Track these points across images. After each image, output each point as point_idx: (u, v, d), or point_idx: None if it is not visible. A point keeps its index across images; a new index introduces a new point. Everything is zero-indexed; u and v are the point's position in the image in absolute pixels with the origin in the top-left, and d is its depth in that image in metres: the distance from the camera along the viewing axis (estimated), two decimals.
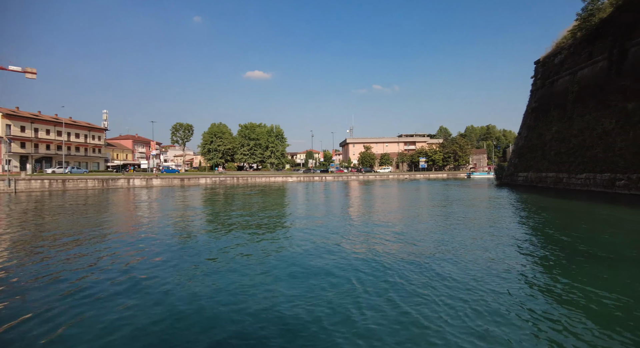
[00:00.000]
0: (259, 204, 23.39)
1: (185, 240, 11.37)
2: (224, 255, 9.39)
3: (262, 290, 6.68)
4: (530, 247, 9.86)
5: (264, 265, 8.43)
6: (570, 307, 5.65)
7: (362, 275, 7.46)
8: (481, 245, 9.91)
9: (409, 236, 11.69)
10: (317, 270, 7.90)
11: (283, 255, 9.43)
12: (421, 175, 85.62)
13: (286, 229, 13.37)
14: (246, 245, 10.75)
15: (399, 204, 22.96)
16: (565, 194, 26.32)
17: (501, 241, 10.58)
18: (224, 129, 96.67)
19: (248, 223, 14.65)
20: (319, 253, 9.48)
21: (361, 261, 8.55)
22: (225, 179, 70.28)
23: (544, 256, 8.81)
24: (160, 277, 7.47)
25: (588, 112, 28.01)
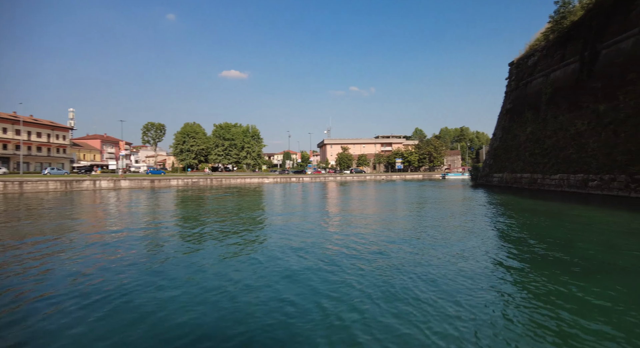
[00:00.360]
0: (233, 207, 21.92)
1: (151, 249, 9.90)
2: (198, 263, 8.57)
3: (236, 296, 6.25)
4: (503, 248, 9.69)
5: (238, 272, 7.78)
6: (546, 309, 5.48)
7: (337, 277, 7.22)
8: (458, 250, 9.13)
9: (386, 239, 10.98)
10: (294, 275, 7.48)
11: (259, 259, 8.84)
12: (397, 176, 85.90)
13: (262, 232, 12.11)
14: (220, 249, 9.90)
15: (376, 206, 22.08)
16: (539, 195, 26.32)
17: (476, 243, 10.20)
18: (197, 129, 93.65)
19: (222, 228, 13.27)
20: (295, 258, 8.79)
21: (335, 265, 8.19)
22: (198, 180, 68.10)
23: (518, 259, 8.47)
24: (127, 287, 6.75)
25: (561, 113, 28.22)
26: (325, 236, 11.79)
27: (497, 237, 11.41)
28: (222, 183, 69.51)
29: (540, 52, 32.86)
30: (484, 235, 11.56)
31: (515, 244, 10.14)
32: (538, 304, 5.65)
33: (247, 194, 34.12)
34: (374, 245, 10.26)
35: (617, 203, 19.55)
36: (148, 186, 56.78)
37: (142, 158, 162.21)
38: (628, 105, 21.94)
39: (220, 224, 14.70)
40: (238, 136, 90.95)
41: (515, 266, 7.82)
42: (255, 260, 8.77)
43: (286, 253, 9.40)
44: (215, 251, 9.74)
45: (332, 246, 10.15)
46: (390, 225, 14.05)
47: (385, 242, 10.57)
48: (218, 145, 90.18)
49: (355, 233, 12.17)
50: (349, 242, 10.67)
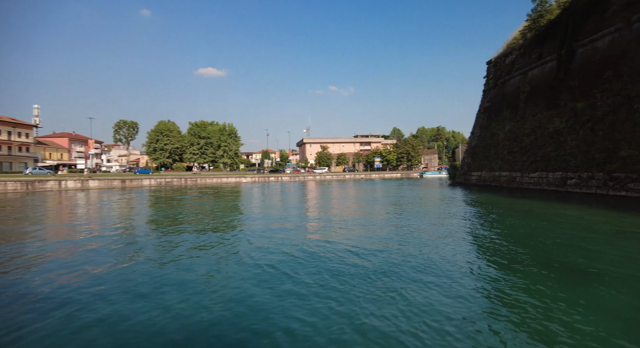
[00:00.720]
0: (205, 209, 20.35)
1: (113, 260, 8.41)
2: (172, 268, 7.97)
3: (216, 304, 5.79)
4: (482, 250, 9.36)
5: (215, 279, 7.19)
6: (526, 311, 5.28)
7: (317, 280, 6.94)
8: (440, 256, 8.34)
9: (367, 242, 10.16)
10: (270, 284, 6.82)
11: (237, 263, 8.33)
12: (376, 175, 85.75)
13: (235, 240, 10.78)
14: (198, 256, 9.06)
15: (357, 207, 21.08)
16: (518, 193, 26.11)
17: (457, 245, 9.73)
18: (172, 127, 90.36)
19: (192, 234, 11.82)
20: (271, 270, 7.84)
21: (314, 266, 7.92)
22: (172, 180, 65.92)
23: (496, 260, 8.10)
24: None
25: (539, 111, 28.16)
26: (304, 245, 10.59)
27: (477, 239, 10.77)
28: (197, 182, 67.72)
29: (518, 51, 32.86)
30: (464, 237, 10.97)
31: (492, 244, 9.80)
32: (522, 307, 5.39)
33: (223, 195, 32.45)
34: (355, 251, 9.20)
35: (595, 201, 19.35)
36: (119, 186, 54.10)
37: (115, 157, 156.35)
38: (605, 103, 21.88)
39: (189, 229, 13.23)
40: (214, 134, 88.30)
41: (494, 267, 7.60)
42: (226, 271, 7.62)
43: (260, 264, 8.19)
44: (184, 262, 8.38)
45: (312, 255, 8.98)
46: (370, 228, 13.05)
47: (365, 245, 9.87)
48: (193, 144, 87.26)
49: (336, 240, 11.04)
50: (329, 249, 9.55)
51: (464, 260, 8.07)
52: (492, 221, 13.80)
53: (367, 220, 15.18)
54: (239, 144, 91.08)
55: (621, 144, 20.11)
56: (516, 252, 8.63)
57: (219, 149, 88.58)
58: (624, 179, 19.53)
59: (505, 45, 35.70)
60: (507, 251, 8.76)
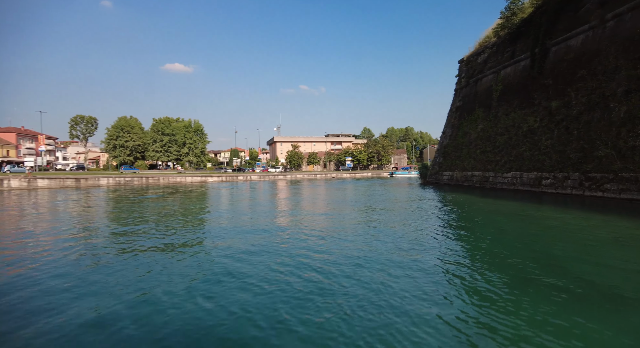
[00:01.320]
0: (159, 212, 17.67)
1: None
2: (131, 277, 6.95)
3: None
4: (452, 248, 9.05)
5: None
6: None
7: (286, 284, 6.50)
8: (418, 262, 7.20)
9: (339, 248, 9.16)
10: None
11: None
12: (347, 174, 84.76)
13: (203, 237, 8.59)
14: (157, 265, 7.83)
15: (327, 208, 19.20)
16: (491, 193, 25.35)
17: (432, 249, 9.14)
18: (133, 123, 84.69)
19: (158, 236, 9.42)
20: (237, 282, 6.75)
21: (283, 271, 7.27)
22: (132, 179, 62.00)
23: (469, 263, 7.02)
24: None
25: (513, 110, 27.59)
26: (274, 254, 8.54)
27: (451, 243, 9.85)
28: (159, 181, 64.30)
29: (491, 49, 32.36)
30: (438, 239, 10.23)
31: (467, 246, 9.43)
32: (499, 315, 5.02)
33: (184, 196, 29.53)
34: (328, 260, 7.52)
35: (572, 202, 18.65)
36: (72, 186, 49.54)
37: (72, 154, 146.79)
38: (580, 102, 21.37)
39: (145, 236, 10.74)
40: (179, 131, 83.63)
41: (469, 267, 7.51)
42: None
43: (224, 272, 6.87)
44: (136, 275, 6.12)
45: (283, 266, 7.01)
46: (343, 233, 11.24)
47: (337, 251, 9.00)
48: (156, 141, 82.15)
49: (308, 246, 9.11)
50: (301, 256, 7.59)
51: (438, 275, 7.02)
52: (467, 223, 12.73)
53: (339, 227, 13.32)
54: (206, 141, 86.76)
55: (597, 144, 19.56)
56: (489, 259, 7.96)
57: (184, 147, 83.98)
58: (600, 179, 18.95)
59: (477, 43, 35.22)
60: (481, 259, 8.09)
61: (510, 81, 28.74)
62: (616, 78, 19.31)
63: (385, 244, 9.50)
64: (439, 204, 19.91)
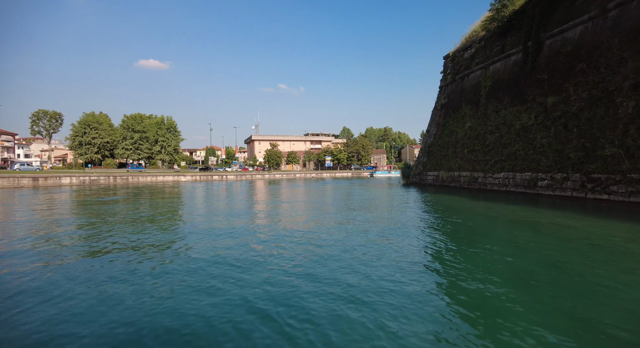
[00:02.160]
0: (118, 217, 14.37)
1: None
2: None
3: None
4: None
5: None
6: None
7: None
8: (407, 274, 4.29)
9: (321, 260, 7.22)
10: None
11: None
12: (327, 174, 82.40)
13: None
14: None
15: (309, 212, 16.49)
16: (482, 195, 23.42)
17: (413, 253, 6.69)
18: (102, 119, 78.90)
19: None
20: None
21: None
22: (98, 178, 57.21)
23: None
24: None
25: (504, 107, 25.80)
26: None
27: (463, 263, 6.94)
28: (128, 181, 59.84)
29: (479, 44, 30.58)
30: (441, 258, 7.95)
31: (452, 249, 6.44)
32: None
33: (151, 197, 26.02)
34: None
35: (572, 206, 16.76)
36: (28, 185, 44.45)
37: (36, 152, 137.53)
38: (580, 97, 19.62)
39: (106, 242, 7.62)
40: (151, 128, 78.53)
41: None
42: None
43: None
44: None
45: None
46: (326, 242, 8.57)
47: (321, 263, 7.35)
48: (126, 138, 76.75)
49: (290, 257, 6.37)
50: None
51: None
52: (472, 234, 10.28)
53: (321, 237, 10.64)
54: (179, 139, 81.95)
55: (601, 142, 17.79)
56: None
57: (156, 145, 78.94)
58: (606, 181, 17.17)
59: (464, 38, 33.45)
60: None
61: (501, 76, 26.98)
62: (622, 71, 17.58)
63: (376, 264, 7.23)
64: (429, 208, 17.53)
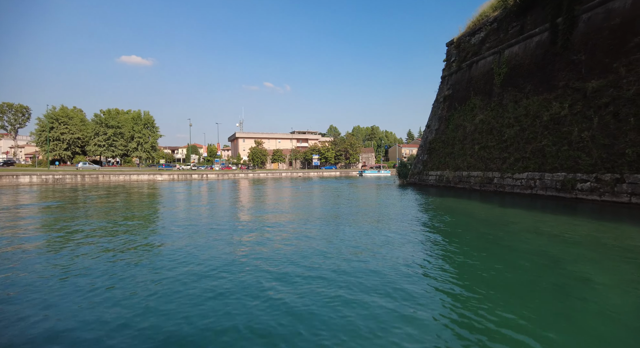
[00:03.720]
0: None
1: None
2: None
3: None
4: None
5: None
6: None
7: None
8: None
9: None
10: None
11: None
12: (315, 173, 77.65)
13: None
14: None
15: (295, 224, 11.70)
16: (501, 199, 19.17)
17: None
18: (72, 113, 71.75)
19: None
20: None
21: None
22: (63, 177, 51.10)
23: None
24: None
25: (525, 96, 21.59)
26: None
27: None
28: (98, 180, 53.77)
29: (490, 26, 26.33)
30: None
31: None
32: None
33: (107, 201, 20.57)
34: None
35: (631, 215, 12.62)
36: None
37: (5, 148, 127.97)
38: (638, 79, 15.49)
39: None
40: (127, 123, 71.87)
41: None
42: None
43: None
44: None
45: None
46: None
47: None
48: (99, 133, 69.88)
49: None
50: None
51: None
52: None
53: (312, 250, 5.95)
54: (157, 135, 75.45)
55: None
56: None
57: (132, 141, 72.35)
58: None
59: (470, 22, 29.19)
60: None
61: (520, 61, 22.77)
62: None
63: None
64: (448, 220, 12.92)
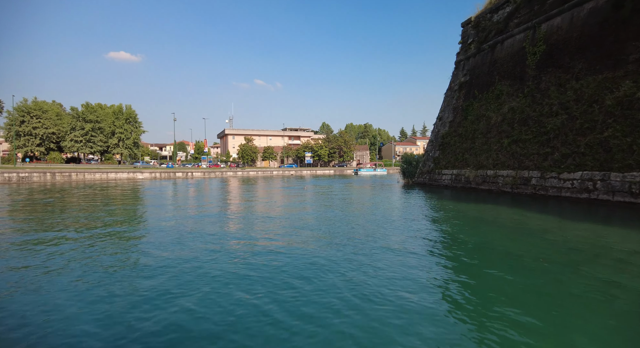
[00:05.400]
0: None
1: None
2: None
3: None
4: None
5: None
6: None
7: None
8: None
9: None
10: None
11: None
12: (308, 171, 72.97)
13: None
14: None
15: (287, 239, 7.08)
16: (541, 205, 14.91)
17: None
18: (47, 106, 65.45)
19: None
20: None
21: None
22: (30, 175, 45.94)
23: None
24: None
25: (573, 77, 17.27)
26: None
27: None
28: (71, 178, 48.96)
29: None
30: None
31: None
32: None
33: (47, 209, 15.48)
34: None
35: None
36: None
37: None
38: None
39: None
40: (107, 117, 65.90)
41: None
42: None
43: None
44: None
45: None
46: None
47: None
48: (75, 128, 63.78)
49: None
50: None
51: None
52: None
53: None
54: (140, 131, 69.58)
55: None
56: None
57: (112, 137, 66.43)
58: None
59: None
60: None
61: (563, 35, 18.43)
62: None
63: None
64: (494, 237, 8.40)
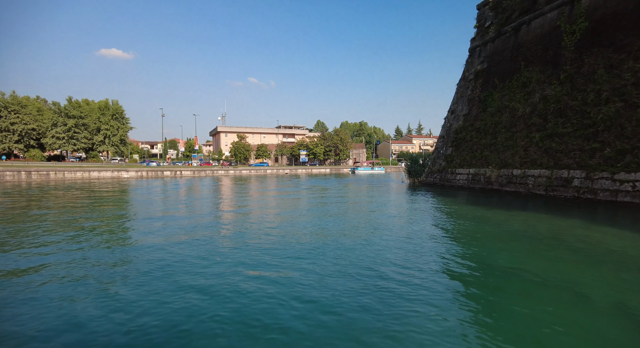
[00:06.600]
0: None
1: None
2: None
3: None
4: None
5: None
6: None
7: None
8: None
9: None
10: None
11: None
12: (303, 170, 69.58)
13: None
14: None
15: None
16: (590, 211, 11.92)
17: None
18: (25, 101, 61.03)
19: None
20: None
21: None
22: (2, 173, 42.26)
23: None
24: None
25: (630, 56, 14.19)
26: None
27: None
28: (49, 177, 45.45)
29: None
30: None
31: None
32: None
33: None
34: None
35: None
36: None
37: None
38: None
39: None
40: (92, 113, 61.67)
41: None
42: None
43: None
44: None
45: None
46: None
47: None
48: (57, 124, 59.50)
49: None
50: None
51: None
52: None
53: None
54: (127, 127, 65.46)
55: None
56: None
57: (98, 134, 62.26)
58: None
59: None
60: None
61: (613, 9, 15.36)
62: None
63: None
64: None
